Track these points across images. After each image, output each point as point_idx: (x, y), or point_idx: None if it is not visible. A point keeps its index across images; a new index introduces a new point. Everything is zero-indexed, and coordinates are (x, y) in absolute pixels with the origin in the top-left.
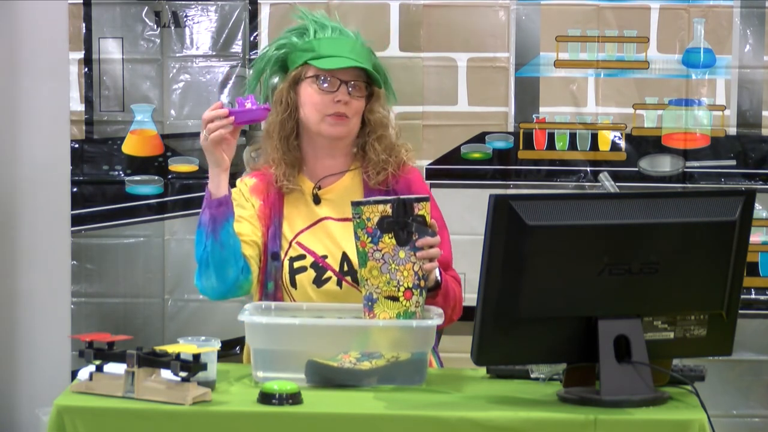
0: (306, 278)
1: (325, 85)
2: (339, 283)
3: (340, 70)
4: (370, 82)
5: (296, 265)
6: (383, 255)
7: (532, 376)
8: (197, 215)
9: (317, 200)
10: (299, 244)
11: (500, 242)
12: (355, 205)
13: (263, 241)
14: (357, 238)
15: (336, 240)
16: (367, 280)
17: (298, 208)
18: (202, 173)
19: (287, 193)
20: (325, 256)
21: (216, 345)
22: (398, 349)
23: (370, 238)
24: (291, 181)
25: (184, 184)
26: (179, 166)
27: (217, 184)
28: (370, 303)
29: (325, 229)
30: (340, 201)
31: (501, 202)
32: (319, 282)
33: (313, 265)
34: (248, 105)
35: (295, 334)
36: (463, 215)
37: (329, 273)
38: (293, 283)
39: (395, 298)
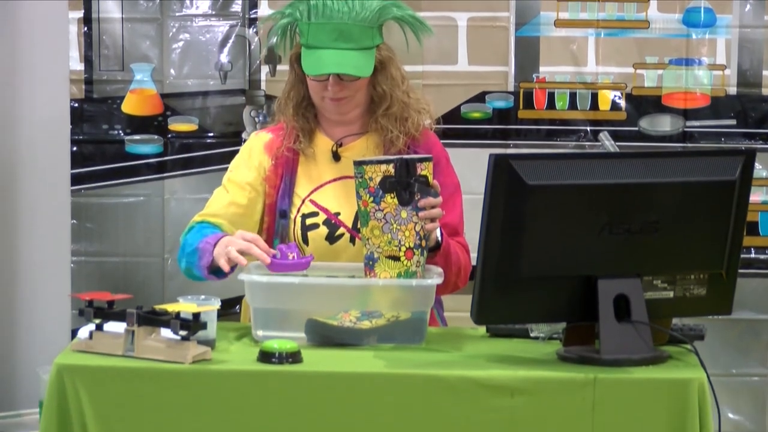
0: (318, 235)
1: (314, 75)
2: (352, 240)
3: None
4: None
5: (308, 222)
6: (385, 215)
7: (531, 335)
8: (197, 174)
9: (337, 157)
10: (312, 201)
11: (500, 202)
12: (358, 164)
13: (271, 201)
14: (359, 197)
15: (352, 198)
16: (368, 239)
17: (317, 167)
18: (201, 132)
19: (303, 153)
20: (338, 213)
21: (216, 304)
22: (398, 308)
23: (372, 198)
24: (307, 142)
25: (184, 144)
26: (179, 125)
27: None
28: (371, 262)
29: (343, 187)
30: (359, 159)
31: (501, 162)
32: (331, 239)
33: (326, 222)
34: (291, 256)
35: (295, 293)
36: (463, 175)
37: (342, 230)
38: (305, 240)
39: (396, 258)
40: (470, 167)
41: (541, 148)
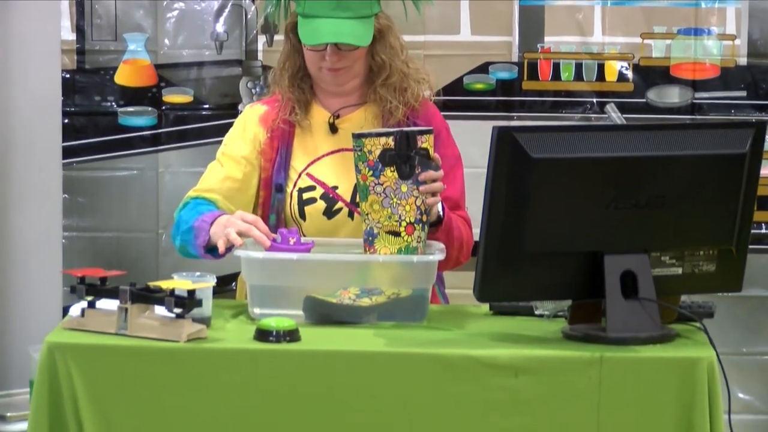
0: (315, 210)
1: (311, 45)
2: (351, 215)
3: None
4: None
5: (305, 196)
6: (385, 189)
7: (536, 312)
8: (192, 147)
9: (334, 129)
10: (309, 175)
11: (503, 176)
12: (357, 137)
13: (266, 174)
14: (358, 171)
15: (350, 171)
16: (368, 214)
17: (313, 139)
18: (196, 104)
19: (299, 125)
20: (336, 187)
21: (211, 281)
22: (399, 285)
23: (371, 172)
24: (303, 114)
25: (179, 116)
26: (173, 96)
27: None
28: (370, 238)
29: (341, 160)
30: (357, 131)
31: (504, 134)
32: (329, 213)
33: (323, 197)
34: (292, 241)
35: (293, 269)
36: (465, 148)
37: (340, 204)
38: (302, 215)
39: (396, 233)
40: (473, 140)
41: (546, 120)
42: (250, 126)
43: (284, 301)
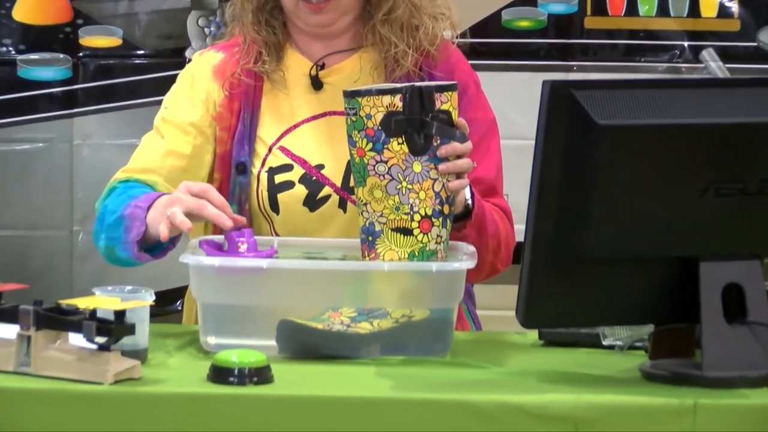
0: (293, 198)
1: None
2: (342, 204)
3: None
4: None
5: (279, 179)
6: (390, 169)
7: (604, 342)
8: (120, 111)
9: (318, 85)
10: (284, 149)
11: (558, 150)
12: (350, 95)
13: (224, 149)
14: (352, 143)
15: (341, 143)
16: (366, 204)
17: (289, 99)
18: (127, 50)
19: (269, 78)
20: (321, 167)
21: (148, 298)
22: (411, 304)
23: (371, 145)
24: (274, 63)
25: (102, 66)
26: (95, 39)
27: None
28: (371, 238)
29: (327, 128)
30: (349, 87)
31: (560, 92)
32: (312, 203)
33: (304, 180)
34: (242, 247)
35: (262, 282)
36: (503, 111)
37: (327, 190)
38: (274, 206)
39: (407, 231)
40: (514, 100)
41: (618, 71)
42: (200, 81)
43: (250, 326)
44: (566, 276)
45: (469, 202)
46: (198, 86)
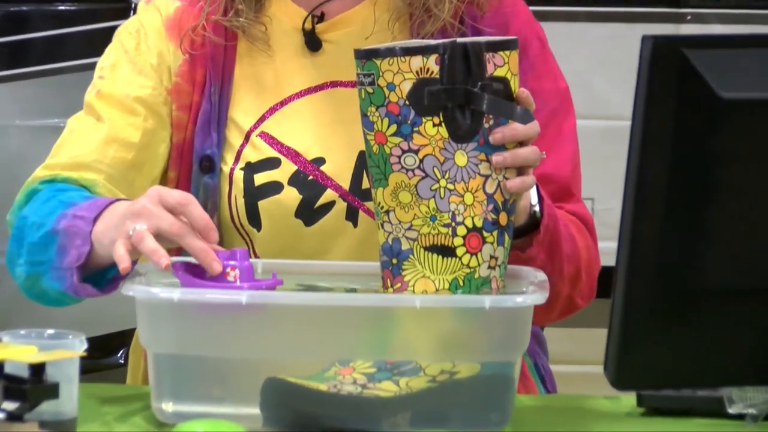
0: (281, 207)
1: None
2: (352, 215)
3: None
4: None
5: (260, 179)
6: (422, 161)
7: (729, 410)
8: (40, 79)
9: (314, 43)
10: (267, 137)
11: (664, 136)
12: (364, 57)
13: (183, 136)
14: (368, 126)
15: (351, 126)
16: (389, 212)
17: (274, 64)
18: None
19: (246, 34)
20: (321, 160)
21: (78, 346)
22: (454, 355)
23: (395, 127)
24: (251, 14)
25: (10, 14)
26: None
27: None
28: (395, 260)
29: (329, 104)
30: (359, 45)
31: (667, 53)
32: (309, 214)
33: (297, 180)
34: (232, 275)
35: (241, 324)
36: (587, 80)
37: (331, 194)
38: (254, 218)
39: (448, 251)
40: (601, 64)
41: (746, 23)
42: (150, 38)
43: (223, 387)
44: (676, 316)
45: (537, 209)
46: (146, 46)
